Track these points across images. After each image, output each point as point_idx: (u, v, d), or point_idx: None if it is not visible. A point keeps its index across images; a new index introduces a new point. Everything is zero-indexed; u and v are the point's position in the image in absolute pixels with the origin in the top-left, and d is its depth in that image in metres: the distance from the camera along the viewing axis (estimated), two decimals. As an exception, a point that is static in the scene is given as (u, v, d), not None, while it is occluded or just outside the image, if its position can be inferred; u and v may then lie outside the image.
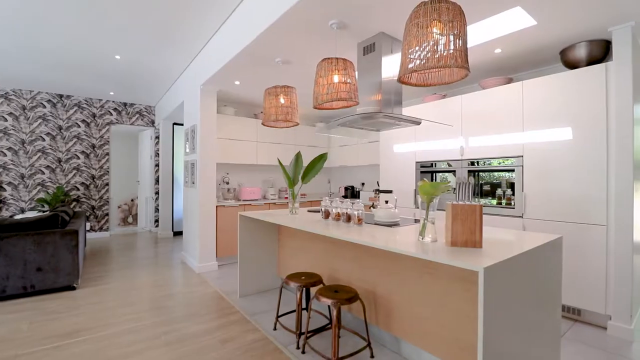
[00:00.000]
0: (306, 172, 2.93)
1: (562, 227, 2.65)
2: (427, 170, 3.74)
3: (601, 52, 2.65)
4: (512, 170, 3.00)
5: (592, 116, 2.51)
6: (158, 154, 6.69)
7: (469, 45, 2.81)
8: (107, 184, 6.21)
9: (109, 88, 5.42)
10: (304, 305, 2.79)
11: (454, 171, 3.46)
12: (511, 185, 3.08)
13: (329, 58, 2.33)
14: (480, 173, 3.32)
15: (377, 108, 2.52)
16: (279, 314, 2.70)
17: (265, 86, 4.09)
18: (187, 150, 4.49)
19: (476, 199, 3.32)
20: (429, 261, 1.85)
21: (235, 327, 2.50)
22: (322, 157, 2.94)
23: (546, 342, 1.66)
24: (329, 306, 2.46)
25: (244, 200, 4.69)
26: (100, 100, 6.13)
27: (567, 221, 2.62)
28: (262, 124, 3.07)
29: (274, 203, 4.81)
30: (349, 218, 2.27)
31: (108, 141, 6.22)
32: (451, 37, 1.52)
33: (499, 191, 3.17)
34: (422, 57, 1.55)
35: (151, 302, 2.99)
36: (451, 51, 1.51)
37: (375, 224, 2.28)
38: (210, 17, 3.11)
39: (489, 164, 3.17)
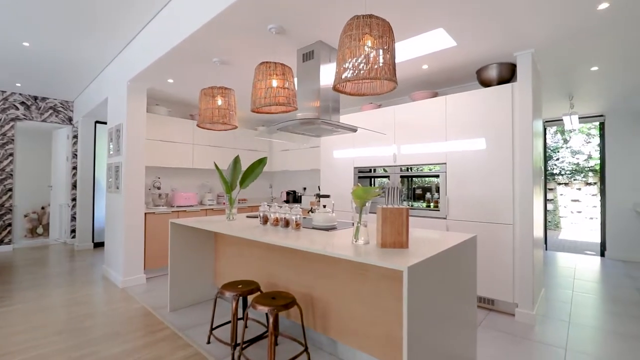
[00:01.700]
0: (245, 176, 2.86)
1: (478, 226, 2.97)
2: (366, 175, 3.91)
3: (509, 73, 3.05)
4: (438, 176, 3.29)
5: (501, 129, 2.87)
6: (76, 155, 5.95)
7: (400, 60, 3.02)
8: (10, 190, 5.33)
9: (14, 78, 4.68)
10: (240, 315, 2.70)
11: (389, 176, 3.68)
12: (438, 190, 3.37)
13: (267, 62, 2.32)
14: (413, 178, 3.58)
15: (315, 114, 2.57)
16: (214, 327, 2.56)
17: (202, 86, 3.91)
18: (111, 151, 4.06)
19: (409, 203, 3.56)
20: (362, 263, 1.92)
21: (164, 345, 2.31)
22: (261, 162, 2.90)
23: (465, 331, 1.83)
24: (266, 314, 2.41)
25: (177, 206, 4.39)
26: (4, 92, 5.26)
27: (482, 221, 2.95)
28: (198, 125, 2.92)
29: (212, 209, 4.59)
30: (287, 223, 2.26)
31: (12, 139, 5.36)
32: (381, 52, 1.62)
33: (428, 195, 3.44)
34: (354, 67, 1.62)
35: (65, 324, 2.62)
36: (381, 64, 1.61)
37: (313, 228, 2.30)
38: (137, 8, 2.88)
39: (421, 170, 3.43)
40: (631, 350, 2.27)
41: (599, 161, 5.51)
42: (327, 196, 2.44)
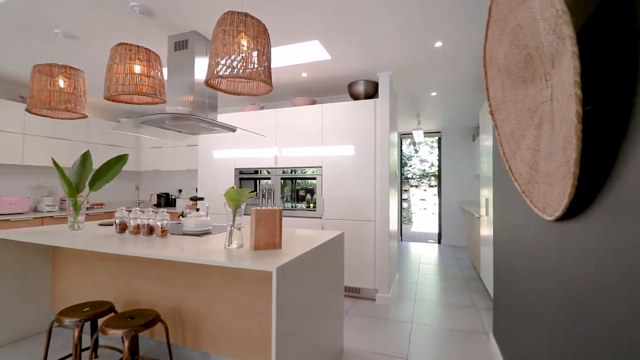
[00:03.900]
0: (97, 176, 2.40)
1: (348, 223, 3.30)
2: (249, 177, 3.84)
3: (373, 90, 3.50)
4: (315, 178, 3.50)
5: (366, 138, 3.27)
6: None
7: (280, 65, 3.08)
8: None
9: None
10: (89, 344, 2.23)
11: (270, 178, 3.71)
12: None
13: (127, 44, 2.00)
14: (297, 180, 3.69)
15: (189, 110, 2.36)
16: (49, 364, 2.04)
17: (38, 61, 3.09)
18: None
19: (292, 204, 3.66)
20: (235, 267, 1.86)
21: (-38, 402, 1.70)
22: (120, 159, 2.48)
23: (333, 321, 1.99)
24: (122, 337, 2.07)
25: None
26: None
27: (351, 219, 3.29)
28: (27, 110, 2.29)
29: (52, 217, 3.68)
30: (151, 230, 2.00)
31: None
32: (256, 53, 1.61)
33: (308, 196, 3.62)
34: (229, 65, 1.56)
35: None
36: (256, 65, 1.60)
37: (184, 234, 2.11)
38: None
39: (305, 172, 3.57)
40: (457, 316, 2.90)
41: (437, 168, 6.94)
42: (201, 198, 2.28)
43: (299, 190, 3.70)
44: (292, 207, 3.62)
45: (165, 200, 4.93)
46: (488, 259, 3.11)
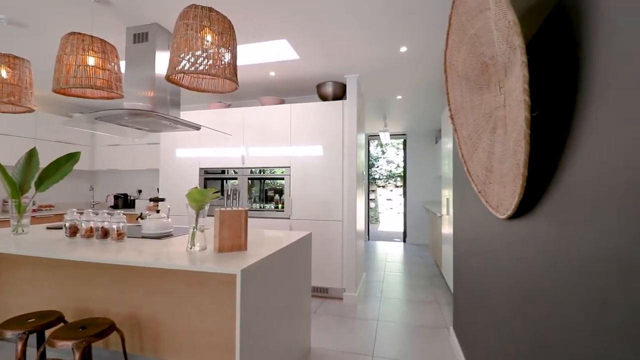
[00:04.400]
0: (45, 176, 2.20)
1: (316, 224, 3.30)
2: (215, 177, 3.72)
3: (341, 91, 3.54)
4: (283, 179, 3.47)
5: (334, 139, 3.30)
6: None
7: (247, 63, 3.02)
8: None
9: None
10: (34, 359, 2.05)
11: (237, 178, 3.62)
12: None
13: (79, 33, 1.86)
14: (266, 180, 3.63)
15: (149, 106, 2.25)
16: (-15, 382, 1.85)
17: (-25, 49, 2.79)
18: None
19: (261, 205, 3.59)
20: (198, 271, 1.80)
21: None
22: (71, 157, 2.30)
23: (300, 322, 1.98)
24: (72, 349, 1.92)
25: None
26: None
27: (319, 219, 3.30)
28: (-40, 102, 2.06)
29: (-9, 220, 3.34)
30: (105, 233, 1.87)
31: None
32: (222, 49, 1.56)
33: (276, 197, 3.57)
34: (192, 60, 1.50)
35: None
36: (221, 62, 1.55)
37: (143, 237, 2.00)
38: None
39: (274, 172, 3.51)
40: (421, 312, 3.01)
41: (403, 169, 7.16)
42: (162, 199, 2.18)
43: (267, 190, 3.65)
44: (261, 207, 3.56)
45: (124, 202, 4.65)
46: (449, 256, 3.26)
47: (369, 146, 7.52)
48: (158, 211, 2.07)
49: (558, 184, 0.89)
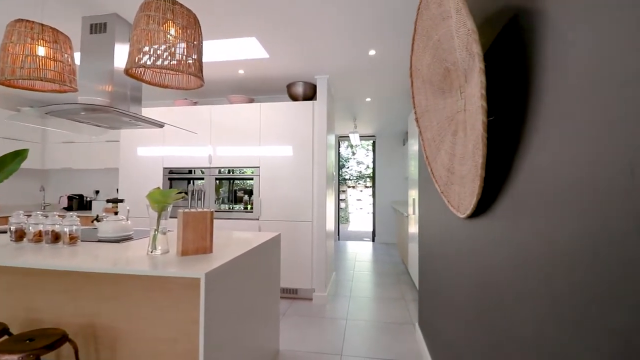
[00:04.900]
0: (-15, 175, 2.00)
1: (285, 224, 3.28)
2: (180, 177, 3.57)
3: (311, 92, 3.54)
4: (252, 179, 3.41)
5: (304, 139, 3.29)
6: None
7: (214, 60, 2.94)
8: None
9: None
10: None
11: (204, 178, 3.51)
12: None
13: (28, 21, 1.72)
14: (235, 181, 3.54)
15: (106, 101, 2.11)
16: None
17: None
18: None
19: (229, 205, 3.50)
20: (159, 276, 1.72)
21: None
22: (18, 155, 2.10)
23: (269, 323, 1.96)
24: (18, 363, 1.76)
25: None
26: None
27: (289, 220, 3.28)
28: None
29: None
30: (56, 237, 1.73)
31: None
32: (186, 44, 1.50)
33: (245, 198, 3.50)
34: (153, 54, 1.43)
35: None
36: (186, 58, 1.49)
37: (100, 240, 1.88)
38: None
39: (243, 173, 3.43)
40: (388, 309, 3.08)
41: (372, 170, 7.31)
42: (121, 201, 2.06)
43: (237, 191, 3.56)
44: (229, 208, 3.47)
45: (79, 203, 4.35)
46: (414, 254, 3.36)
47: (339, 147, 7.59)
48: (116, 213, 1.96)
49: (512, 184, 0.95)
